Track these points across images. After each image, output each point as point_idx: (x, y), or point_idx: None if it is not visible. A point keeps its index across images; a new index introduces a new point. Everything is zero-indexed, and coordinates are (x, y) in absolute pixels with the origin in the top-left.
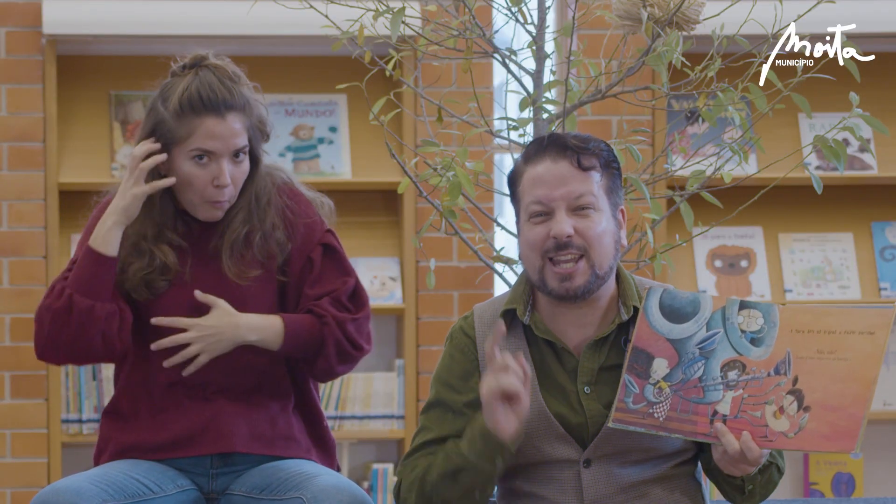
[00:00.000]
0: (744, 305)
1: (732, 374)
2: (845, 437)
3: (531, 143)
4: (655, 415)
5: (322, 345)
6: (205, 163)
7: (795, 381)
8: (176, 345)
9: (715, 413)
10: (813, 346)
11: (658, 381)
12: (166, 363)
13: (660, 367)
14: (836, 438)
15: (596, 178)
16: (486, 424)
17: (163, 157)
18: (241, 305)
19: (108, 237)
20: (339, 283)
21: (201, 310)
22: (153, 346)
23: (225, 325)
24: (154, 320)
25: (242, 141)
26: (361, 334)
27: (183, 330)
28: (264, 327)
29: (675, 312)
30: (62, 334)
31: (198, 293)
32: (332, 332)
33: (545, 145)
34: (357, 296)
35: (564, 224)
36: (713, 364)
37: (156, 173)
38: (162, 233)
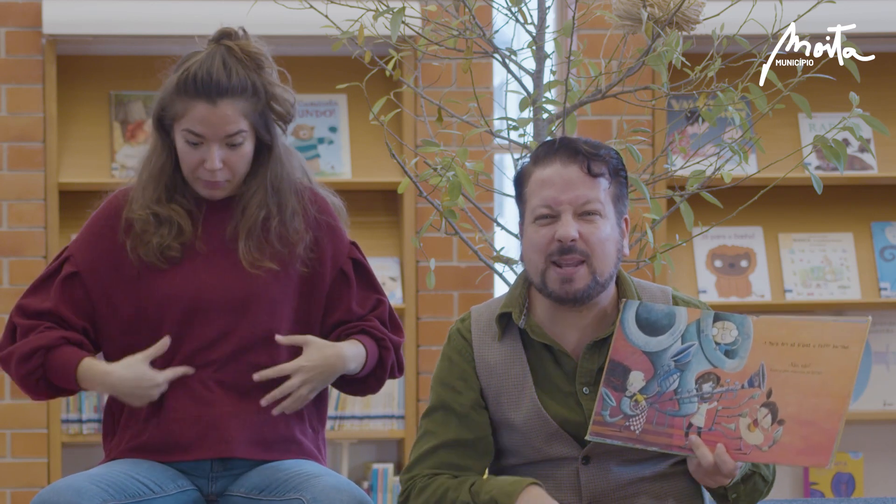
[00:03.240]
0: (718, 317)
1: (707, 387)
2: (819, 452)
3: (542, 144)
4: (632, 427)
5: (379, 367)
6: (196, 144)
7: (769, 394)
8: (279, 376)
9: (690, 425)
10: (787, 359)
11: (634, 394)
12: (263, 401)
13: (636, 379)
14: (810, 453)
15: (604, 185)
16: None
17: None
18: (252, 295)
19: (91, 387)
20: (377, 302)
21: (207, 293)
22: (255, 377)
23: (331, 358)
24: (256, 376)
25: (236, 126)
26: (403, 357)
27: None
28: (358, 355)
29: (651, 325)
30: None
31: (280, 338)
32: (390, 355)
33: (556, 148)
34: (394, 316)
35: (570, 227)
36: (688, 376)
37: (165, 140)
38: (173, 196)
